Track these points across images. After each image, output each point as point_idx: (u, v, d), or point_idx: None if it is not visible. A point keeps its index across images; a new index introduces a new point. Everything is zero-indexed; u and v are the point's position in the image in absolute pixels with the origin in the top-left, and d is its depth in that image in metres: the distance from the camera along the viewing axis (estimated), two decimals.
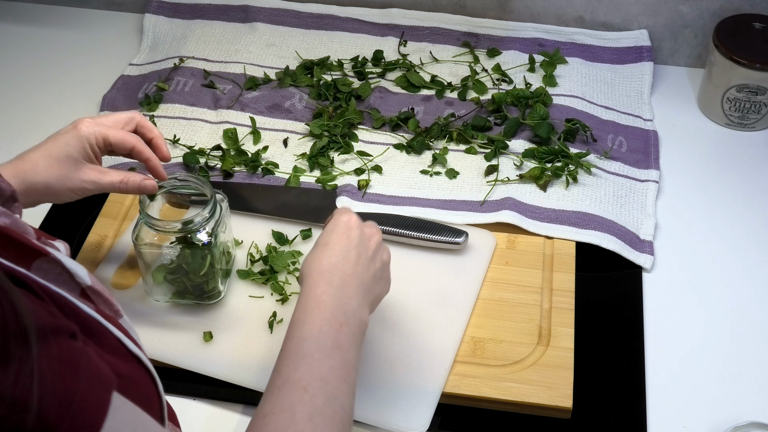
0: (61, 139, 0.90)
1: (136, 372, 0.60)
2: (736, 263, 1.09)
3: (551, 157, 1.17)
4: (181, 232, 0.94)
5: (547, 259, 1.06)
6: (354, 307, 0.79)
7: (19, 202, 0.69)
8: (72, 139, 0.90)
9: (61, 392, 0.47)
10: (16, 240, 0.56)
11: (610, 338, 1.00)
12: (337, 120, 1.22)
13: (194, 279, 0.97)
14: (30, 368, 0.46)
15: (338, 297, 0.79)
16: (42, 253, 0.57)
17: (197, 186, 0.97)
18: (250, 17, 1.42)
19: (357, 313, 0.80)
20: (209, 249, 0.95)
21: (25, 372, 0.46)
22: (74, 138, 0.90)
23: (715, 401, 0.95)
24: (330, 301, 0.78)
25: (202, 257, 0.95)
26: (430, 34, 1.39)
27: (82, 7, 1.51)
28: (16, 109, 1.32)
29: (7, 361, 0.45)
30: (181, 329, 0.98)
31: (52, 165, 0.88)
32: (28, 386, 0.45)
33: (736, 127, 1.27)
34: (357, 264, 0.82)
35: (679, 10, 1.34)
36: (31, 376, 0.46)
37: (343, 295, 0.79)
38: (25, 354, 0.46)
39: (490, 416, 0.93)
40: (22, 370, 0.46)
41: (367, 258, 0.84)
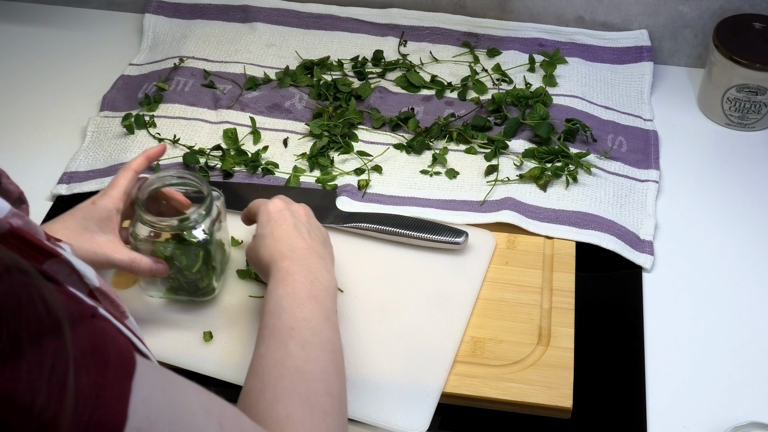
0: (79, 213, 0.93)
1: None
2: (737, 263, 1.09)
3: (551, 157, 1.17)
4: (177, 229, 0.94)
5: (547, 259, 1.06)
6: (319, 269, 0.88)
7: (26, 204, 0.70)
8: (89, 212, 0.93)
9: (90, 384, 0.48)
10: (30, 241, 0.56)
11: (610, 338, 1.00)
12: (337, 120, 1.22)
13: (188, 275, 0.97)
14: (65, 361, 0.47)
15: (303, 265, 0.88)
16: (53, 254, 0.58)
17: (194, 183, 0.97)
18: (250, 17, 1.42)
19: (323, 275, 0.88)
20: (204, 246, 0.95)
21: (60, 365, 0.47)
22: (91, 212, 0.93)
23: (715, 401, 0.95)
24: (297, 269, 0.87)
25: (196, 254, 0.95)
26: (430, 34, 1.39)
27: (82, 7, 1.51)
28: (16, 108, 1.31)
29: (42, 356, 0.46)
30: (181, 329, 0.98)
31: (69, 236, 0.90)
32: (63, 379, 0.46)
33: (736, 127, 1.27)
34: (306, 238, 0.91)
35: (679, 10, 1.34)
36: (67, 368, 0.47)
37: (307, 264, 0.88)
38: (60, 347, 0.47)
39: (490, 416, 0.93)
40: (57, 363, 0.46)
41: (309, 230, 0.93)
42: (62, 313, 0.48)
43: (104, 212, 0.93)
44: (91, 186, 1.16)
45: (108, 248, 0.92)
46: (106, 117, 1.27)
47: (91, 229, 0.92)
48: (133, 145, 1.20)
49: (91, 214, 0.92)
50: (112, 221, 0.93)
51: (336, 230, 1.09)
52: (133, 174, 0.97)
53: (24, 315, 0.46)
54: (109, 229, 0.93)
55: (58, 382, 0.46)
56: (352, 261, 1.06)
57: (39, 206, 1.14)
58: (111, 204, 0.93)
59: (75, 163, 1.20)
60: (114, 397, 0.49)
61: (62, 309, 0.48)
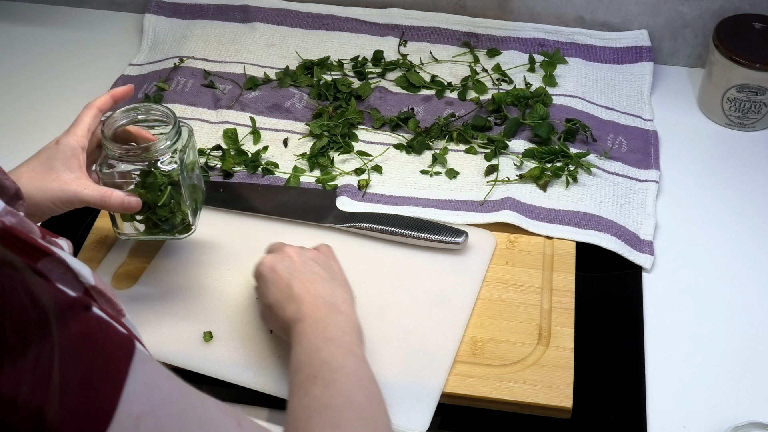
0: (44, 153, 0.91)
1: None
2: (737, 263, 1.09)
3: (551, 157, 1.17)
4: (145, 159, 0.91)
5: (547, 259, 1.06)
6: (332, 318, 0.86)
7: (23, 200, 0.70)
8: (53, 151, 0.91)
9: (80, 371, 0.48)
10: (23, 239, 0.56)
11: (610, 338, 1.00)
12: (337, 120, 1.22)
13: (160, 212, 0.94)
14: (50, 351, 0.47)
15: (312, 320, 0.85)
16: (47, 253, 0.57)
17: (160, 114, 0.95)
18: (250, 17, 1.42)
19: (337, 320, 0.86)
20: (172, 177, 0.92)
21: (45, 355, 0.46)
22: (55, 151, 0.91)
23: (715, 401, 0.95)
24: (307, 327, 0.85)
25: (162, 186, 0.92)
26: (430, 34, 1.39)
27: (82, 7, 1.51)
28: (16, 108, 1.32)
29: (26, 348, 0.46)
30: (181, 329, 0.98)
31: (35, 177, 0.89)
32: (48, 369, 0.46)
33: (736, 127, 1.27)
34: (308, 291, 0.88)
35: (679, 10, 1.34)
36: (52, 359, 0.47)
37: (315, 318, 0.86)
38: (45, 338, 0.47)
39: (490, 416, 0.93)
40: (42, 354, 0.46)
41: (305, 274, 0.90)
42: (49, 304, 0.48)
43: (69, 150, 0.90)
44: None
45: (76, 185, 0.89)
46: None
47: (57, 168, 0.89)
48: None
49: (56, 153, 0.90)
50: (78, 158, 0.91)
51: (336, 230, 1.09)
52: (97, 111, 0.94)
53: (8, 307, 0.46)
54: (75, 166, 0.90)
55: (43, 372, 0.46)
56: (352, 261, 1.06)
57: None
58: (75, 141, 0.91)
59: None
60: (106, 382, 0.49)
61: (49, 300, 0.48)
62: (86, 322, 0.50)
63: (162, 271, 1.04)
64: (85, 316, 0.51)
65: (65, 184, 0.89)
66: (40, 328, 0.47)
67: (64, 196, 0.89)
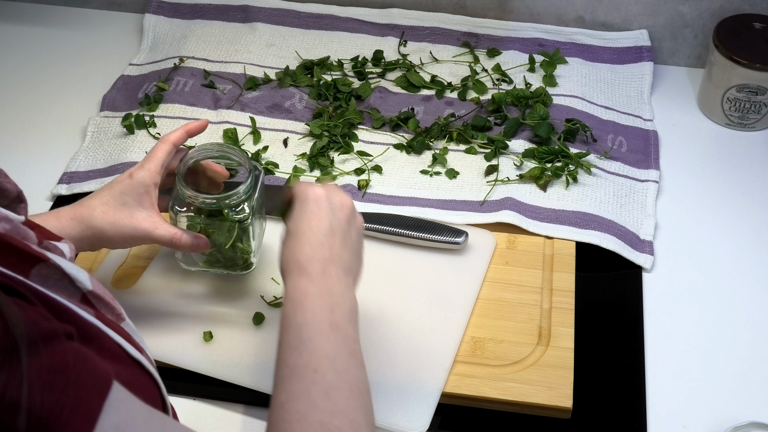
0: (117, 187, 0.91)
1: (138, 376, 0.60)
2: (737, 263, 1.09)
3: (551, 157, 1.17)
4: (216, 207, 0.92)
5: (547, 259, 1.06)
6: (341, 291, 0.78)
7: (25, 203, 0.69)
8: (127, 187, 0.90)
9: (50, 403, 0.46)
10: (15, 247, 0.56)
11: (610, 338, 1.00)
12: (337, 120, 1.22)
13: (225, 252, 0.96)
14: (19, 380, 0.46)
15: (322, 285, 0.77)
16: (41, 259, 0.57)
17: (234, 157, 0.95)
18: (250, 17, 1.42)
19: (345, 296, 0.78)
20: (242, 223, 0.94)
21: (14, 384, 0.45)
22: (129, 186, 0.90)
23: (715, 401, 0.95)
24: (315, 291, 0.77)
25: (231, 230, 0.94)
26: (430, 34, 1.39)
27: (82, 7, 1.51)
28: (16, 108, 1.31)
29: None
30: (181, 329, 0.98)
31: (108, 212, 0.89)
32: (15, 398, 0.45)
33: (736, 127, 1.27)
34: (332, 246, 0.80)
35: (679, 10, 1.34)
36: (20, 384, 0.45)
37: (327, 282, 0.78)
38: (14, 365, 0.46)
39: (490, 416, 0.93)
40: (11, 381, 0.45)
41: (342, 233, 0.82)
42: (21, 331, 0.47)
43: (142, 187, 0.90)
44: (91, 186, 1.16)
45: (148, 224, 0.90)
46: (106, 117, 1.27)
47: (130, 205, 0.90)
48: (133, 145, 1.20)
49: (129, 188, 0.90)
50: (150, 195, 0.91)
51: None
52: (171, 147, 0.93)
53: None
54: (147, 203, 0.91)
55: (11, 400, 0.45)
56: None
57: (39, 206, 1.14)
58: (149, 178, 0.91)
59: (75, 163, 1.20)
60: (77, 416, 0.47)
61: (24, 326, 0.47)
62: (62, 353, 0.49)
63: (162, 271, 1.04)
64: (61, 347, 0.49)
65: (138, 223, 0.90)
66: (8, 355, 0.46)
67: (136, 234, 0.90)
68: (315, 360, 0.71)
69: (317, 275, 0.78)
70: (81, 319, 0.56)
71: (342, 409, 0.68)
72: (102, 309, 0.61)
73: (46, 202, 1.16)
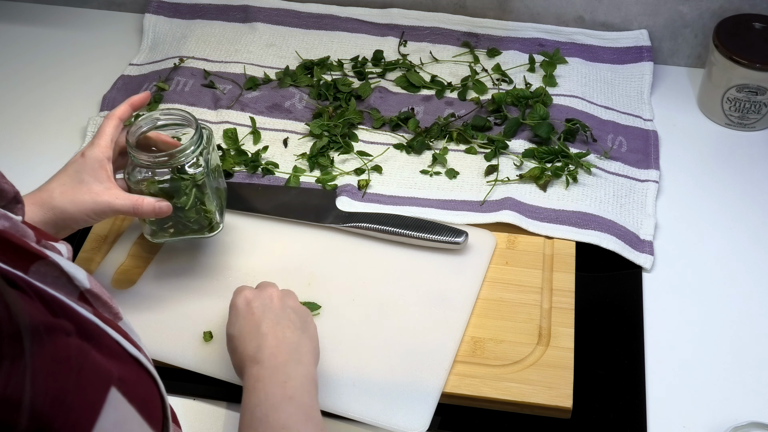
0: (71, 167, 0.93)
1: (137, 374, 0.60)
2: (736, 263, 1.09)
3: (551, 157, 1.17)
4: (172, 164, 0.93)
5: (547, 259, 1.06)
6: (293, 366, 0.83)
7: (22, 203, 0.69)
8: (80, 165, 0.92)
9: (54, 391, 0.47)
10: (15, 243, 0.56)
11: (610, 338, 1.00)
12: (337, 120, 1.22)
13: (188, 214, 0.97)
14: (23, 367, 0.46)
15: (272, 366, 0.82)
16: (40, 257, 0.57)
17: (180, 118, 0.97)
18: (250, 17, 1.42)
19: (298, 370, 0.82)
20: (201, 178, 0.94)
21: (18, 371, 0.46)
22: (82, 164, 0.92)
23: (715, 401, 0.95)
24: (266, 373, 0.82)
25: (187, 189, 0.95)
26: (430, 34, 1.39)
27: (82, 7, 1.51)
28: (16, 109, 1.32)
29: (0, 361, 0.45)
30: (181, 329, 0.98)
31: (67, 192, 0.91)
32: (20, 385, 0.45)
33: (736, 127, 1.27)
34: (275, 334, 0.85)
35: (679, 10, 1.34)
36: (24, 374, 0.46)
37: (276, 363, 0.82)
38: (18, 353, 0.46)
39: (490, 416, 0.93)
40: (15, 369, 0.45)
41: (280, 318, 0.87)
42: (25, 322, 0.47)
43: (96, 162, 0.92)
44: None
45: (107, 195, 0.91)
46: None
47: (87, 181, 0.91)
48: None
49: (83, 166, 0.92)
50: (105, 169, 0.93)
51: (336, 230, 1.09)
52: (118, 122, 0.96)
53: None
54: (103, 177, 0.92)
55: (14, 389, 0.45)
56: (352, 261, 1.06)
57: None
58: (101, 153, 0.93)
59: None
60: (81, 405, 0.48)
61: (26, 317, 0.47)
62: (65, 347, 0.49)
63: (161, 271, 1.05)
64: (64, 341, 0.50)
65: (97, 196, 0.91)
66: (13, 344, 0.46)
67: (98, 208, 0.91)
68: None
69: (267, 358, 0.83)
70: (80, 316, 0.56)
71: None
72: (100, 308, 0.61)
73: None
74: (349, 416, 0.90)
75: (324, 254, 1.06)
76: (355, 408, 0.90)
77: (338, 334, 0.97)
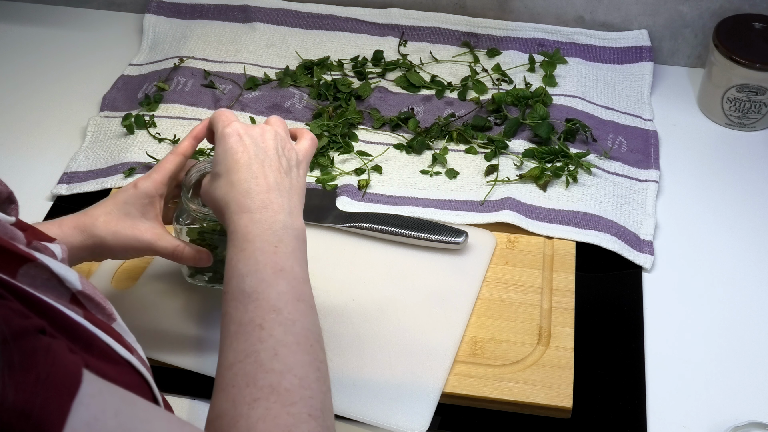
0: (120, 196, 0.89)
1: (128, 376, 0.59)
2: (736, 263, 1.09)
3: (551, 157, 1.17)
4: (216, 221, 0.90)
5: (547, 259, 1.06)
6: (283, 221, 0.77)
7: (15, 204, 0.69)
8: (131, 197, 0.89)
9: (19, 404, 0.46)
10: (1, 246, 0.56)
11: (610, 338, 1.00)
12: (337, 120, 1.22)
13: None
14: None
15: (263, 220, 0.76)
16: (29, 259, 0.57)
17: None
18: (250, 17, 1.42)
19: (288, 225, 0.77)
20: None
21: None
22: (133, 196, 0.89)
23: (715, 401, 0.95)
24: (256, 229, 0.75)
25: None
26: (430, 34, 1.39)
27: (82, 7, 1.51)
28: (16, 109, 1.31)
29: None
30: (181, 329, 0.98)
31: (110, 222, 0.88)
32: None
33: (736, 127, 1.27)
34: (266, 175, 0.79)
35: (679, 10, 1.34)
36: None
37: (267, 216, 0.77)
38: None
39: (490, 416, 0.93)
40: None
41: (272, 160, 0.80)
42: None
43: (146, 197, 0.88)
44: (91, 186, 1.16)
45: (151, 235, 0.88)
46: (106, 117, 1.27)
47: (133, 215, 0.88)
48: (133, 145, 1.20)
49: (133, 198, 0.88)
50: (155, 207, 0.89)
51: (336, 230, 1.09)
52: (182, 158, 0.91)
53: None
54: (151, 215, 0.89)
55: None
56: (352, 261, 1.06)
57: (39, 206, 1.14)
58: (154, 189, 0.89)
59: (75, 163, 1.20)
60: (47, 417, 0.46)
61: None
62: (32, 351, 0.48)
63: (162, 271, 1.04)
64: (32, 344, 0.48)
65: (140, 233, 0.88)
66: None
67: (138, 245, 0.88)
68: (260, 314, 0.70)
69: (258, 209, 0.77)
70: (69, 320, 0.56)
71: (291, 366, 0.67)
72: (92, 309, 0.61)
73: (46, 202, 1.16)
74: (349, 416, 0.90)
75: (324, 254, 1.06)
76: (355, 408, 0.90)
77: (338, 334, 0.97)
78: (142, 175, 0.92)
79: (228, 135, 0.81)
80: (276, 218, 0.77)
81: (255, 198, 0.77)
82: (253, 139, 0.81)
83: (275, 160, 0.81)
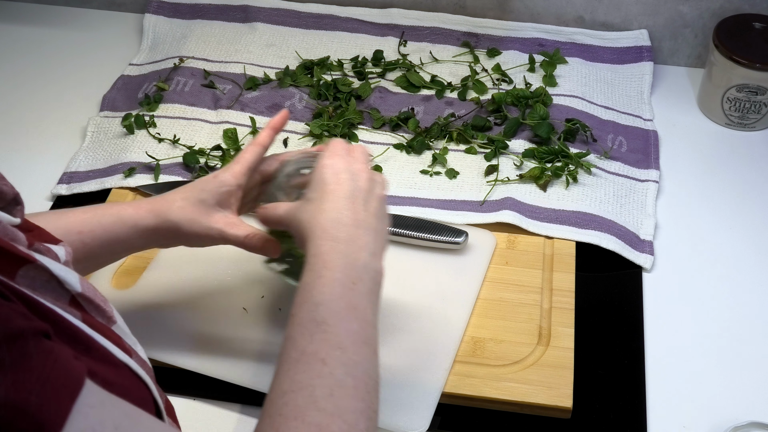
0: (199, 185, 0.89)
1: (128, 379, 0.59)
2: (736, 263, 1.09)
3: (551, 157, 1.17)
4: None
5: (547, 259, 1.06)
6: (365, 260, 0.75)
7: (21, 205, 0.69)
8: (209, 185, 0.88)
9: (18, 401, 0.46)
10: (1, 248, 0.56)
11: (610, 338, 1.00)
12: (337, 120, 1.22)
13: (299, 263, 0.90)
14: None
15: (347, 253, 0.75)
16: (28, 261, 0.57)
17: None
18: (250, 17, 1.42)
19: (370, 266, 0.75)
20: None
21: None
22: (211, 185, 0.88)
23: (715, 401, 0.95)
24: (339, 260, 0.74)
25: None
26: (430, 34, 1.39)
27: (82, 7, 1.51)
28: (17, 109, 1.31)
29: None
30: (181, 329, 0.98)
31: (186, 207, 0.87)
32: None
33: (736, 127, 1.27)
34: (356, 211, 0.77)
35: (679, 10, 1.34)
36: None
37: (351, 250, 0.75)
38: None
39: (490, 416, 0.93)
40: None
41: (364, 199, 0.79)
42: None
43: (224, 187, 0.88)
44: (91, 186, 1.16)
45: (223, 223, 0.87)
46: (106, 117, 1.27)
47: (208, 203, 0.87)
48: (133, 145, 1.20)
49: (211, 187, 0.88)
50: (232, 197, 0.88)
51: None
52: (261, 149, 0.90)
53: None
54: (227, 204, 0.88)
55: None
56: None
57: (39, 206, 1.14)
58: (233, 179, 0.88)
59: (75, 163, 1.20)
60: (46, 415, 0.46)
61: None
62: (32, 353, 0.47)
63: (162, 271, 1.04)
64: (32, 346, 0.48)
65: (213, 222, 0.87)
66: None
67: (210, 234, 0.88)
68: (325, 348, 0.68)
69: (343, 240, 0.75)
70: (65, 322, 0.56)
71: (343, 410, 0.65)
72: (92, 312, 0.60)
73: (46, 202, 1.16)
74: None
75: None
76: None
77: None
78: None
79: (326, 167, 0.80)
80: (359, 255, 0.75)
81: (342, 229, 0.76)
82: (352, 175, 0.80)
83: (366, 200, 0.79)
